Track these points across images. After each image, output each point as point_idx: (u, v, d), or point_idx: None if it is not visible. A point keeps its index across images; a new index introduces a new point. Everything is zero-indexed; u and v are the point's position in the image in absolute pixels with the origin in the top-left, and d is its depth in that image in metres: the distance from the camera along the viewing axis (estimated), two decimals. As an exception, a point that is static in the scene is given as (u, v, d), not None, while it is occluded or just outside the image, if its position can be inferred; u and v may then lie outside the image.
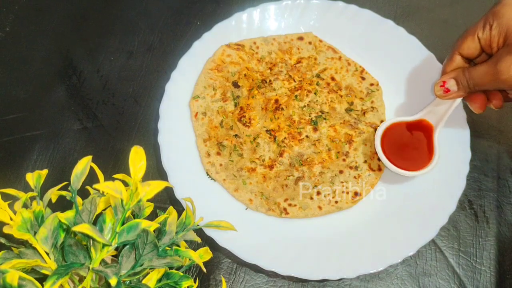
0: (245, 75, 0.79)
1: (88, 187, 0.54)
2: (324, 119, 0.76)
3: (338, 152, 0.74)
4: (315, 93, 0.78)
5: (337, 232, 0.70)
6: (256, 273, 0.70)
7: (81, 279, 0.49)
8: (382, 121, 0.77)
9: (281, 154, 0.74)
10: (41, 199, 0.52)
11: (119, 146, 0.79)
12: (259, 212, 0.71)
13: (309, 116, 0.77)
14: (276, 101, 0.78)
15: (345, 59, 0.81)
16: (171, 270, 0.53)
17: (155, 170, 0.75)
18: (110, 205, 0.49)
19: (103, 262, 0.49)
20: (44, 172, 0.53)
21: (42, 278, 0.45)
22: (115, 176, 0.50)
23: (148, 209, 0.55)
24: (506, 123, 0.79)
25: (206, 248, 0.58)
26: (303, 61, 0.81)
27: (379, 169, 0.74)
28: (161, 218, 0.53)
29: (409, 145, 0.73)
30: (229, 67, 0.80)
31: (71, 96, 0.83)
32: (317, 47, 0.82)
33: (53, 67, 0.85)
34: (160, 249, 0.51)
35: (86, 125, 0.80)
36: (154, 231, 0.50)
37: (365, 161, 0.74)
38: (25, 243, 0.49)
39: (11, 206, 0.49)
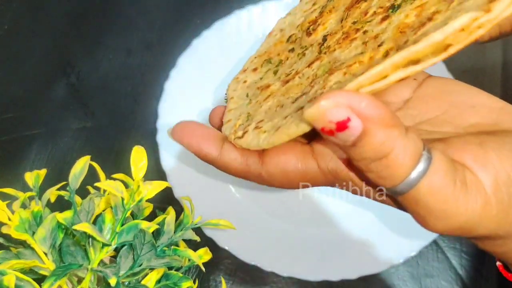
0: None
1: (88, 187, 0.53)
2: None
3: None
4: None
5: (338, 232, 0.70)
6: (256, 274, 0.69)
7: (80, 280, 0.48)
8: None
9: (310, 64, 0.48)
10: (39, 199, 0.51)
11: (118, 145, 0.78)
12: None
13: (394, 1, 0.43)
14: None
15: None
16: (170, 271, 0.52)
17: (154, 170, 0.75)
18: (110, 206, 0.49)
19: (101, 262, 0.49)
20: (43, 171, 0.52)
21: (40, 279, 0.44)
22: (115, 176, 0.49)
23: (148, 209, 0.54)
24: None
25: (206, 248, 0.57)
26: None
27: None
28: (160, 218, 0.52)
29: None
30: None
31: (70, 94, 0.82)
32: None
33: (52, 65, 0.85)
34: (158, 249, 0.50)
35: (84, 124, 0.80)
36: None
37: None
38: (23, 243, 0.49)
39: (9, 206, 0.49)
